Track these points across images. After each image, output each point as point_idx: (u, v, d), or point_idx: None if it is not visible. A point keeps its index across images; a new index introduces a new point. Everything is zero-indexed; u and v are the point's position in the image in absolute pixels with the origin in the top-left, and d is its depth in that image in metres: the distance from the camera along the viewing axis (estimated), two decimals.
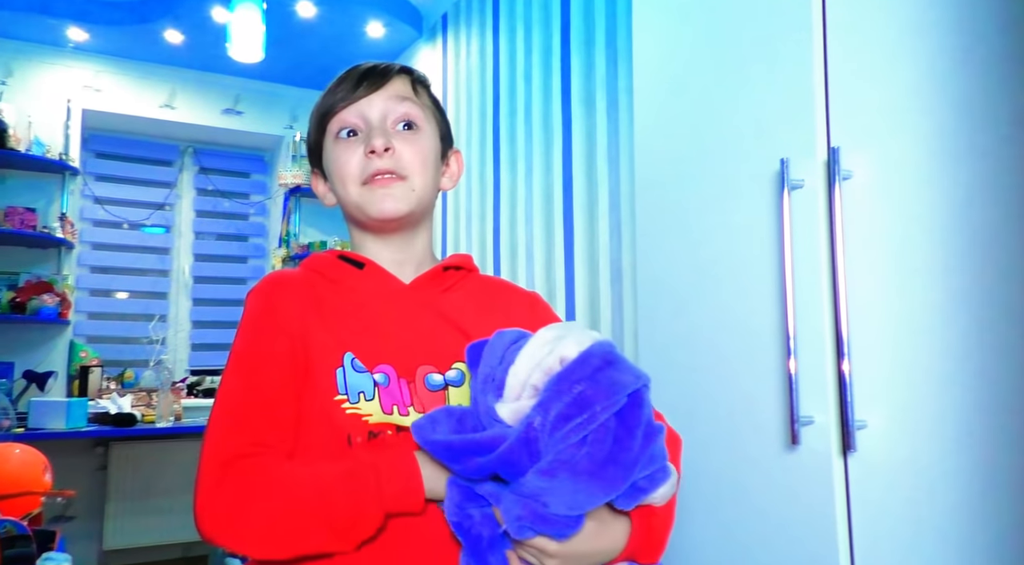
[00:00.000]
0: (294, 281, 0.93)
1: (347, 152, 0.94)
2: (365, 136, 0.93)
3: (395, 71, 0.98)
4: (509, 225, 3.08)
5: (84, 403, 3.48)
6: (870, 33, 1.18)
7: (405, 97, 0.96)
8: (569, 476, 0.71)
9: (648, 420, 0.75)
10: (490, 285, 1.05)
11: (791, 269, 1.21)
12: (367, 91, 0.95)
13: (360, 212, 0.94)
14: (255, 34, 3.28)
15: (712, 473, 1.38)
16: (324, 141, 0.98)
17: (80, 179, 4.25)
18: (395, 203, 0.92)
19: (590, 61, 2.66)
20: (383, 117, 0.94)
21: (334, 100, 0.95)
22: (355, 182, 0.93)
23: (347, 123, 0.95)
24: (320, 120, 0.97)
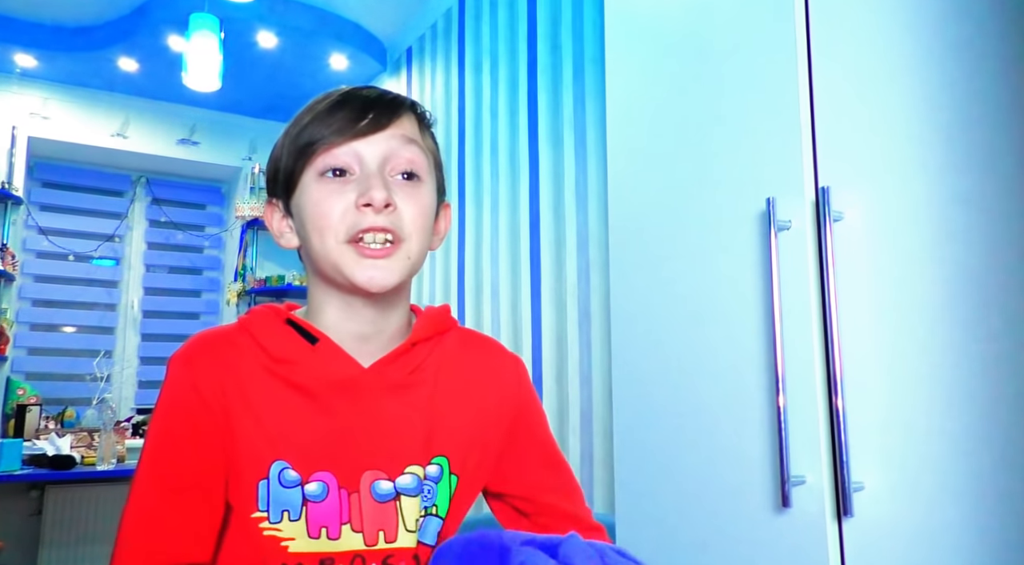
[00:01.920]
0: (223, 351, 0.77)
1: (332, 197, 0.75)
2: (358, 182, 0.75)
3: (406, 106, 0.81)
4: (474, 263, 2.99)
5: (19, 444, 3.30)
6: (858, 66, 1.13)
7: (412, 140, 0.79)
8: None
9: None
10: (469, 352, 0.87)
11: (779, 315, 1.13)
12: (371, 128, 0.76)
13: (337, 273, 0.75)
14: (212, 63, 3.18)
15: (694, 535, 1.28)
16: (301, 175, 0.78)
17: (23, 209, 4.07)
18: (386, 276, 0.75)
19: (557, 97, 2.61)
20: (383, 162, 0.76)
21: (327, 130, 0.76)
22: (337, 237, 0.74)
23: (338, 162, 0.76)
24: (302, 149, 0.77)
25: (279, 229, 0.82)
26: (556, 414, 2.49)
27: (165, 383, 0.76)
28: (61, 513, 3.68)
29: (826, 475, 1.08)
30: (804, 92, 1.16)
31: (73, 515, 3.70)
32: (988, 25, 1.02)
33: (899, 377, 1.05)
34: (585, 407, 2.36)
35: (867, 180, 1.10)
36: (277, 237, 0.83)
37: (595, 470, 2.30)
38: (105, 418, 3.56)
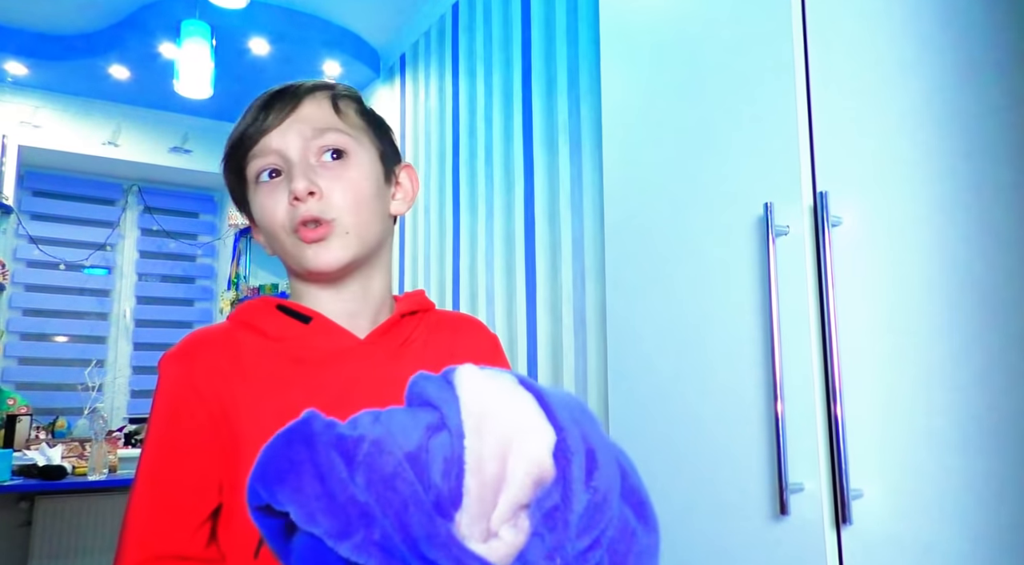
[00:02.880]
0: (218, 342, 0.78)
1: (270, 198, 0.79)
2: (287, 177, 0.78)
3: (306, 90, 0.82)
4: (469, 270, 2.98)
5: (8, 454, 3.26)
6: (856, 70, 1.12)
7: (325, 124, 0.80)
8: None
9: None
10: (450, 325, 0.91)
11: (777, 321, 1.12)
12: (277, 120, 0.79)
13: (295, 263, 0.80)
14: (204, 70, 3.17)
15: (692, 544, 1.27)
16: (247, 188, 0.82)
17: (14, 218, 4.04)
18: (331, 254, 0.78)
19: (552, 103, 2.60)
20: (303, 149, 0.78)
21: (241, 135, 0.80)
22: (285, 231, 0.78)
23: (264, 164, 0.79)
24: (232, 163, 0.82)
25: (263, 242, 0.86)
26: None
27: (159, 382, 0.77)
28: (51, 524, 3.63)
29: (825, 483, 1.07)
30: (802, 96, 1.16)
31: (64, 526, 3.66)
32: (985, 29, 1.02)
33: (898, 383, 1.04)
34: None
35: (866, 185, 1.09)
36: (265, 249, 0.86)
37: None
38: (97, 428, 3.53)
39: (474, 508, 0.52)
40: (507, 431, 0.54)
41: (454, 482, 0.52)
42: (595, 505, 0.54)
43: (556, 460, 0.53)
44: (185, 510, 0.73)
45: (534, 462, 0.52)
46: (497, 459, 0.53)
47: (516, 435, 0.53)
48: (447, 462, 0.53)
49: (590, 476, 0.54)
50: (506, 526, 0.52)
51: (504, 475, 0.52)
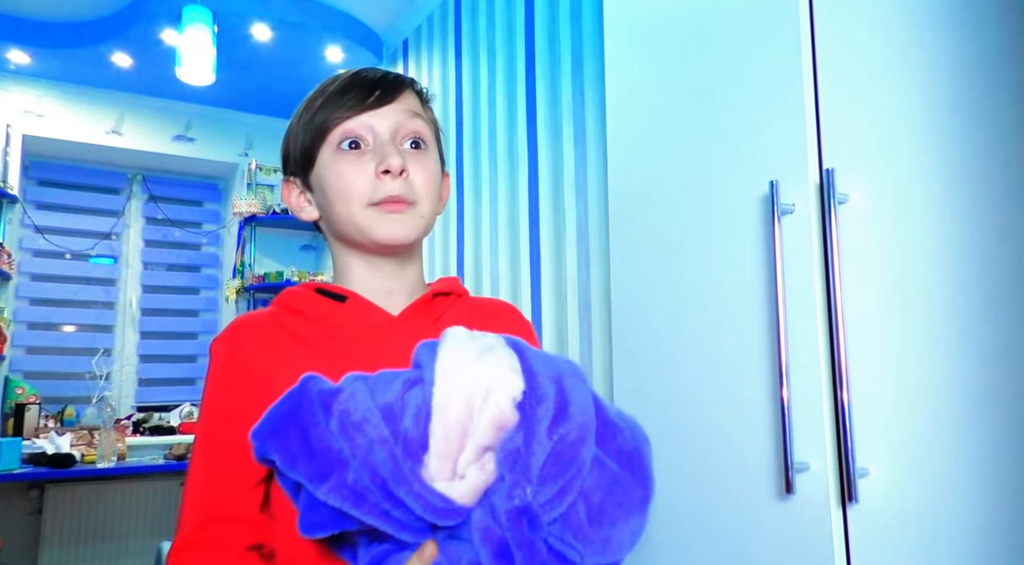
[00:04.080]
0: (262, 325, 0.84)
1: (353, 167, 0.84)
2: (374, 152, 0.84)
3: (407, 83, 0.90)
4: (473, 255, 2.98)
5: (18, 443, 3.28)
6: (863, 47, 1.11)
7: (416, 113, 0.88)
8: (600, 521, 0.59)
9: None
10: (482, 308, 0.95)
11: (783, 300, 1.11)
12: (379, 102, 0.85)
13: (361, 234, 0.84)
14: (206, 56, 3.16)
15: (697, 524, 1.27)
16: (319, 150, 0.87)
17: (19, 207, 4.05)
18: (405, 229, 0.84)
19: (555, 87, 2.59)
20: (394, 133, 0.85)
21: (340, 108, 0.85)
22: (361, 202, 0.83)
23: (353, 133, 0.85)
24: (318, 128, 0.86)
25: (298, 204, 0.91)
26: None
27: (210, 363, 0.82)
28: (61, 511, 3.66)
29: (830, 461, 1.07)
30: (807, 72, 1.14)
31: (73, 513, 3.69)
32: (993, 6, 1.00)
33: (905, 362, 1.03)
34: None
35: (872, 161, 1.08)
36: (297, 211, 0.91)
37: None
38: (105, 416, 3.55)
39: (441, 449, 0.56)
40: (476, 380, 0.58)
41: (422, 427, 0.57)
42: (560, 453, 0.57)
43: (521, 408, 0.57)
44: (237, 475, 0.77)
45: (497, 407, 0.56)
46: (462, 404, 0.56)
47: (486, 384, 0.57)
48: (418, 409, 0.58)
49: (555, 425, 0.57)
50: (473, 467, 0.56)
51: (471, 420, 0.56)
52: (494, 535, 0.57)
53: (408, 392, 0.60)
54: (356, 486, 0.57)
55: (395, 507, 0.57)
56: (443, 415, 0.57)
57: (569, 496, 0.58)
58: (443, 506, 0.56)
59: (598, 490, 0.60)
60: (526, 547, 0.56)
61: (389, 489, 0.57)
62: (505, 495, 0.57)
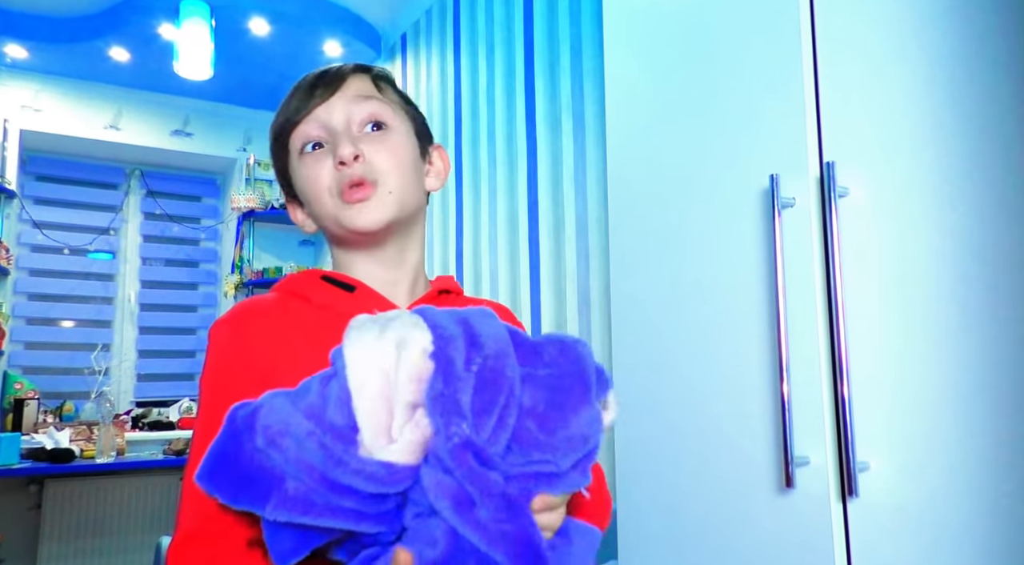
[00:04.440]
0: (267, 310, 0.82)
1: (315, 166, 0.83)
2: (332, 146, 0.83)
3: (350, 70, 0.88)
4: (472, 251, 2.97)
5: (17, 438, 3.29)
6: (864, 40, 1.10)
7: (368, 96, 0.86)
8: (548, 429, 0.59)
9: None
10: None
11: (783, 294, 1.11)
12: (323, 96, 0.85)
13: (339, 226, 0.84)
14: (203, 51, 3.15)
15: (696, 519, 1.27)
16: (289, 162, 0.87)
17: (17, 202, 4.04)
18: (373, 214, 0.82)
19: (555, 82, 2.58)
20: (347, 122, 0.84)
21: (288, 114, 0.86)
22: (329, 194, 0.83)
23: (309, 136, 0.84)
24: (279, 140, 0.87)
25: (302, 220, 0.91)
26: None
27: (209, 347, 0.80)
28: (61, 506, 3.66)
29: (831, 455, 1.07)
30: (808, 65, 1.14)
31: (73, 508, 3.69)
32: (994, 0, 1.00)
33: (906, 356, 1.03)
34: None
35: (872, 155, 1.08)
36: (302, 226, 0.91)
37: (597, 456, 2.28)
38: (104, 411, 3.55)
39: (370, 424, 0.57)
40: (384, 350, 0.58)
41: (346, 411, 0.57)
42: (483, 381, 0.57)
43: (434, 357, 0.57)
44: None
45: (409, 362, 0.57)
46: (378, 375, 0.57)
47: (394, 349, 0.58)
48: (338, 398, 0.58)
49: (470, 358, 0.58)
50: (407, 427, 0.57)
51: (391, 386, 0.57)
52: (446, 485, 0.56)
53: (326, 388, 0.60)
54: (298, 493, 0.57)
55: (343, 496, 0.56)
56: (362, 392, 0.57)
57: (510, 419, 0.58)
58: (386, 472, 0.56)
59: (539, 402, 0.60)
60: (478, 481, 0.56)
61: (330, 479, 0.56)
62: (444, 439, 0.56)
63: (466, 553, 0.56)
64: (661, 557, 1.33)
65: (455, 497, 0.56)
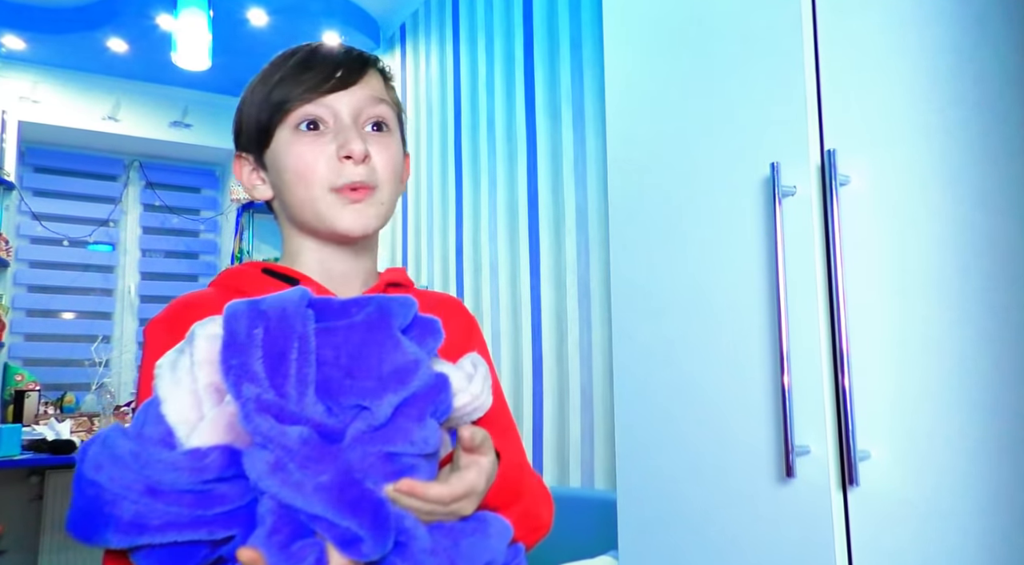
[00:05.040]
0: (203, 306, 0.78)
1: (312, 149, 0.80)
2: (335, 133, 0.81)
3: (371, 63, 0.87)
4: (472, 241, 2.97)
5: (18, 429, 3.28)
6: (865, 27, 1.09)
7: (381, 98, 0.85)
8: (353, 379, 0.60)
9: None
10: (428, 302, 0.89)
11: (784, 284, 1.11)
12: (342, 84, 0.82)
13: (319, 221, 0.81)
14: (201, 41, 3.14)
15: (696, 508, 1.27)
16: (276, 129, 0.82)
17: (16, 194, 4.03)
18: (366, 221, 0.81)
19: (554, 72, 2.57)
20: (355, 116, 0.82)
21: (299, 89, 0.82)
22: (323, 187, 0.80)
23: (312, 115, 0.81)
24: (276, 106, 0.82)
25: (250, 182, 0.87)
26: (556, 392, 2.47)
27: (145, 347, 0.78)
28: (62, 498, 3.67)
29: (831, 445, 1.07)
30: (809, 52, 1.13)
31: None
32: None
33: (907, 344, 1.03)
34: (585, 385, 2.34)
35: (874, 142, 1.08)
36: (249, 189, 0.87)
37: (596, 447, 2.29)
38: (104, 403, 3.55)
39: (180, 421, 0.59)
40: (183, 356, 0.61)
41: (159, 421, 0.59)
42: (270, 342, 0.59)
43: (224, 336, 0.59)
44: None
45: (198, 349, 0.60)
46: (182, 376, 0.60)
47: (189, 349, 0.61)
48: (152, 413, 0.60)
49: (252, 326, 0.59)
50: (212, 411, 0.59)
51: (193, 380, 0.60)
52: (256, 454, 0.56)
53: (147, 408, 0.61)
54: (131, 514, 0.56)
55: (170, 503, 0.56)
56: (165, 393, 0.60)
57: (308, 370, 0.59)
58: (193, 458, 0.57)
59: (340, 353, 0.60)
60: (280, 437, 0.56)
61: (151, 487, 0.56)
62: (241, 405, 0.57)
63: (293, 518, 0.55)
64: (661, 547, 1.33)
65: (267, 462, 0.56)
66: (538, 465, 2.48)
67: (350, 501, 0.55)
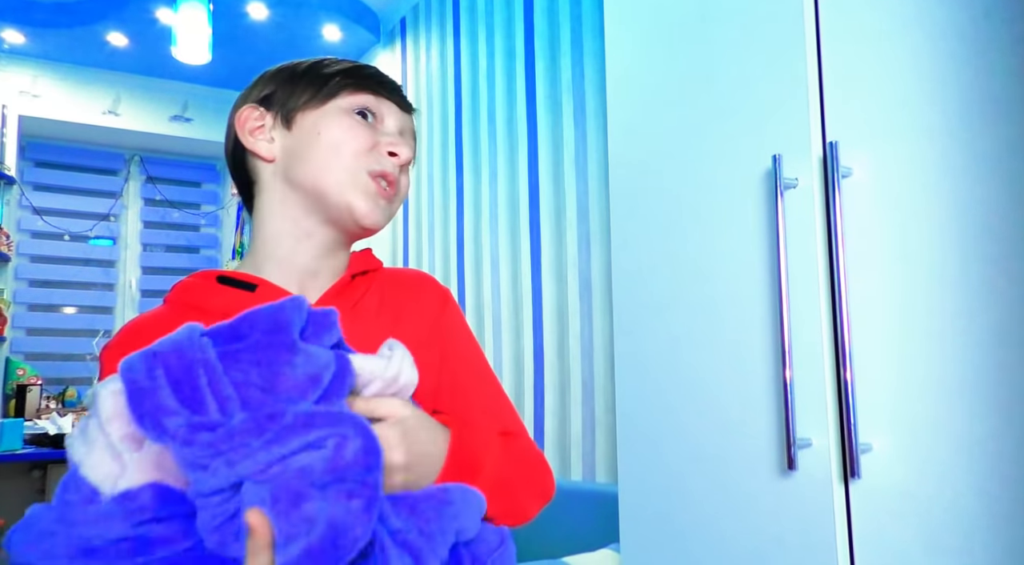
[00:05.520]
0: (155, 328, 0.75)
1: (365, 131, 0.82)
2: (383, 133, 0.84)
3: (412, 110, 0.91)
4: (473, 235, 2.96)
5: (20, 424, 3.29)
6: (867, 18, 1.09)
7: (414, 140, 0.90)
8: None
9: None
10: (401, 282, 0.90)
11: (786, 276, 1.10)
12: (400, 103, 0.87)
13: (338, 193, 0.80)
14: (201, 35, 3.13)
15: (698, 501, 1.27)
16: (327, 103, 0.82)
17: (16, 189, 4.03)
18: (381, 218, 0.83)
19: (555, 65, 2.56)
20: (399, 133, 0.87)
21: (363, 79, 0.84)
22: (358, 161, 0.80)
23: (368, 107, 0.83)
24: (337, 86, 0.82)
25: (256, 135, 0.83)
26: (558, 385, 2.47)
27: (101, 372, 0.77)
28: None
29: (832, 437, 1.06)
30: (811, 43, 1.13)
31: None
32: None
33: (909, 337, 1.03)
34: (587, 378, 2.34)
35: (877, 134, 1.07)
36: (251, 142, 0.83)
37: (597, 440, 2.29)
38: None
39: (100, 476, 0.58)
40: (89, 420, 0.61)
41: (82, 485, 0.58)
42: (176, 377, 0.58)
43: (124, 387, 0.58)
44: None
45: (104, 407, 0.59)
46: (95, 437, 0.59)
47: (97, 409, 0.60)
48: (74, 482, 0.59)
49: (152, 368, 0.58)
50: (135, 455, 0.58)
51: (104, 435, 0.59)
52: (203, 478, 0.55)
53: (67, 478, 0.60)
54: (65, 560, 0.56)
55: (110, 559, 0.55)
56: (80, 458, 0.59)
57: (227, 390, 0.58)
58: (128, 500, 0.56)
59: (248, 373, 0.59)
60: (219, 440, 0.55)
61: (84, 546, 0.56)
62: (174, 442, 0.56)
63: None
64: (662, 539, 1.33)
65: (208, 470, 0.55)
66: None
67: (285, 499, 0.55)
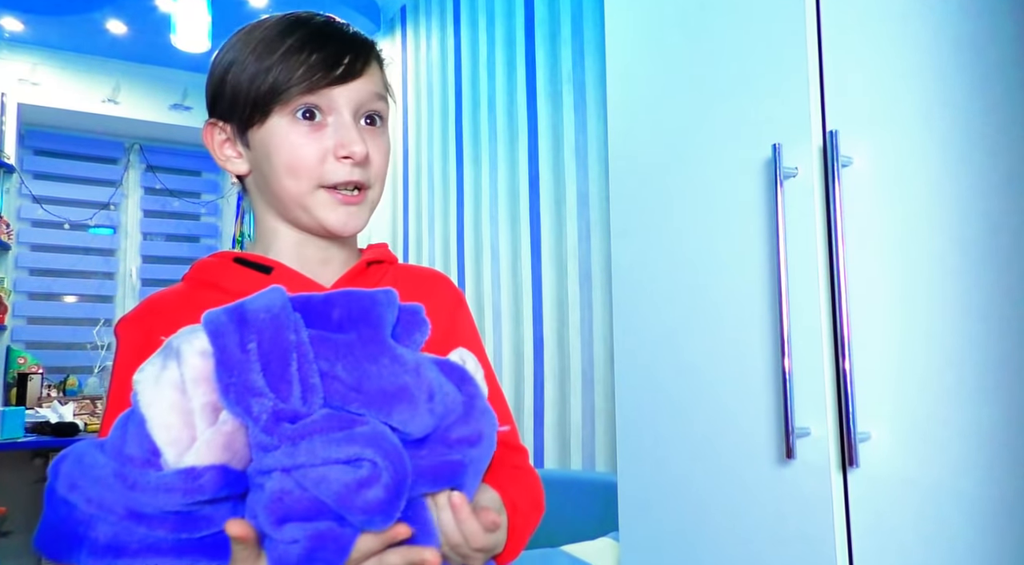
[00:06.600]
0: (174, 304, 0.77)
1: (309, 142, 0.76)
2: (333, 128, 0.76)
3: (371, 55, 0.81)
4: (473, 225, 2.96)
5: (21, 412, 3.30)
6: (868, 5, 1.09)
7: (381, 94, 0.81)
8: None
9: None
10: (416, 279, 0.89)
11: (785, 266, 1.10)
12: (347, 76, 0.77)
13: (307, 215, 0.78)
14: (201, 23, 3.12)
15: (696, 490, 1.27)
16: (270, 112, 0.76)
17: (16, 177, 4.03)
18: (356, 221, 0.79)
19: (555, 54, 2.56)
20: (356, 110, 0.78)
21: (300, 75, 0.75)
22: (313, 182, 0.76)
23: (312, 104, 0.76)
24: (274, 89, 0.76)
25: (223, 154, 0.82)
26: (557, 375, 2.48)
27: (117, 346, 0.76)
28: None
29: (831, 426, 1.07)
30: (811, 31, 1.12)
31: None
32: None
33: (908, 326, 1.03)
34: (586, 367, 2.35)
35: (877, 123, 1.07)
36: (220, 161, 0.82)
37: (597, 429, 2.30)
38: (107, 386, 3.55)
39: (168, 440, 0.56)
40: (167, 368, 0.58)
41: (145, 440, 0.56)
42: (267, 354, 0.56)
43: (214, 352, 0.57)
44: None
45: (189, 367, 0.57)
46: (168, 391, 0.57)
47: (175, 362, 0.58)
48: (135, 430, 0.57)
49: (244, 340, 0.57)
50: (208, 431, 0.56)
51: (184, 397, 0.57)
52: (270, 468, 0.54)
53: (125, 424, 0.58)
54: (108, 537, 0.55)
55: (153, 526, 0.54)
56: (155, 415, 0.56)
57: (313, 379, 0.57)
58: (185, 478, 0.54)
59: (334, 363, 0.59)
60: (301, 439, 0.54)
61: (133, 510, 0.54)
62: (253, 422, 0.55)
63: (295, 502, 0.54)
64: (661, 528, 1.33)
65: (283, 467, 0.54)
66: (539, 448, 2.49)
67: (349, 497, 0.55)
